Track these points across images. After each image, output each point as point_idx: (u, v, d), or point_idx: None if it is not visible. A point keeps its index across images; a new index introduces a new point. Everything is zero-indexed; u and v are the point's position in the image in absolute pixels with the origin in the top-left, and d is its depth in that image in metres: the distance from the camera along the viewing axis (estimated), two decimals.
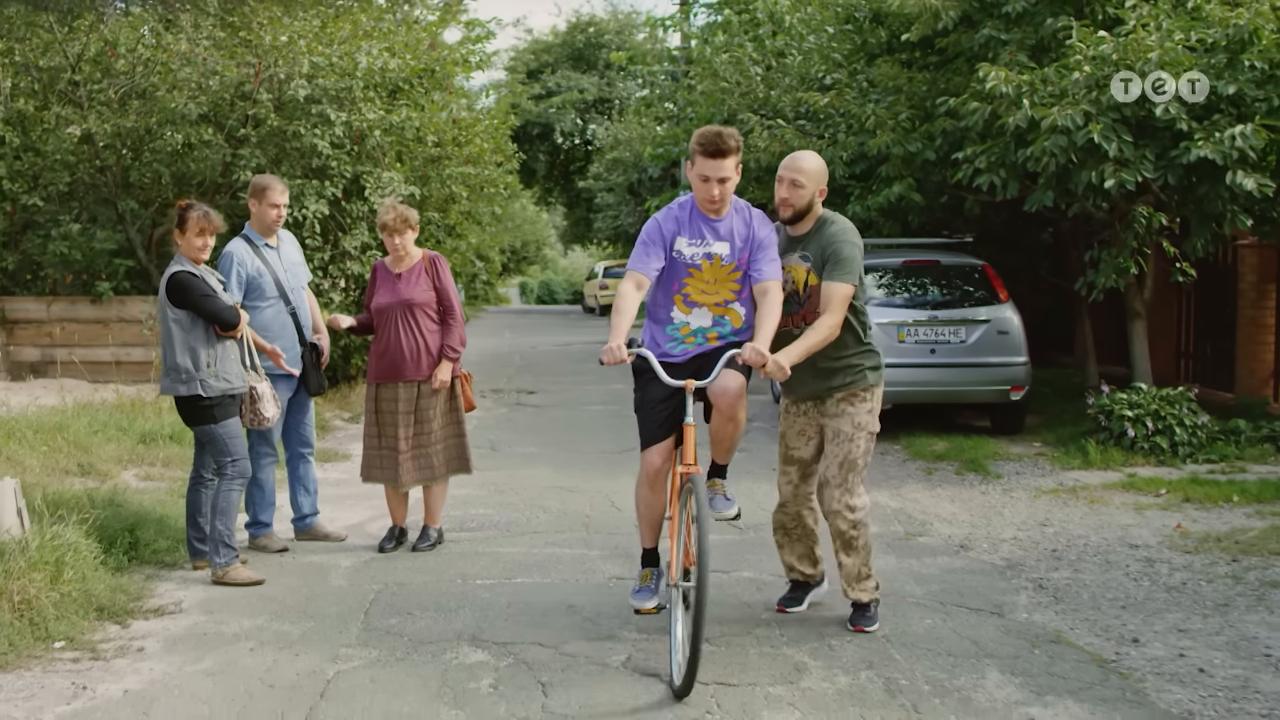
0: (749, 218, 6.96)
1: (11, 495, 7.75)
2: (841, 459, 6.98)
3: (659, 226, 6.89)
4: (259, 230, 9.04)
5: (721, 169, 6.70)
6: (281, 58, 15.29)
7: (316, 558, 8.94)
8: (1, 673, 6.34)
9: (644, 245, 6.87)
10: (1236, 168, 11.64)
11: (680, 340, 6.93)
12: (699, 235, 6.85)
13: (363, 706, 5.94)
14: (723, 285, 6.86)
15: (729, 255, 6.83)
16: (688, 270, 6.83)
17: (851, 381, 7.04)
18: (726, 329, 6.91)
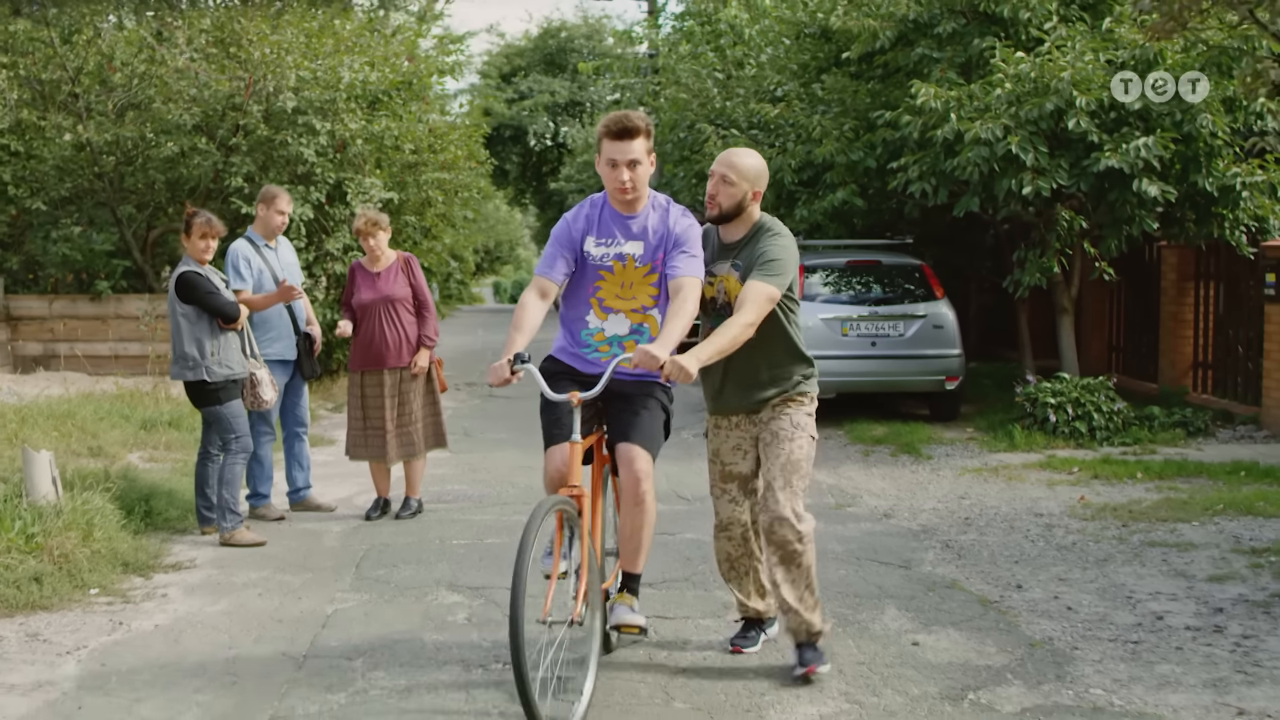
0: (668, 213, 6.28)
1: (47, 465, 8.85)
2: (784, 460, 6.33)
3: (568, 226, 6.30)
4: (262, 233, 10.15)
5: (629, 151, 6.06)
6: (270, 72, 16.40)
7: (310, 525, 10.06)
8: (48, 612, 7.44)
9: (551, 247, 6.28)
10: (1142, 176, 12.86)
11: (594, 347, 6.30)
12: (609, 234, 6.23)
13: (359, 633, 7.08)
14: (639, 289, 6.25)
15: (643, 255, 6.20)
16: (598, 273, 6.24)
17: (788, 389, 6.47)
18: (644, 338, 6.25)
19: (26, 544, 8.08)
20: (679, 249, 6.16)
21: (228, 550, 9.14)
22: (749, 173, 6.35)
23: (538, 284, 6.17)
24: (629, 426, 6.15)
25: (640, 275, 6.25)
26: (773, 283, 6.12)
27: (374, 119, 17.36)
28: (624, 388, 6.22)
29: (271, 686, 6.22)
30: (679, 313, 5.95)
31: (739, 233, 6.43)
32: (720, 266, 6.42)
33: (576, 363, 6.33)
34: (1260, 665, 6.53)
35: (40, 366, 16.98)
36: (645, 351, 5.64)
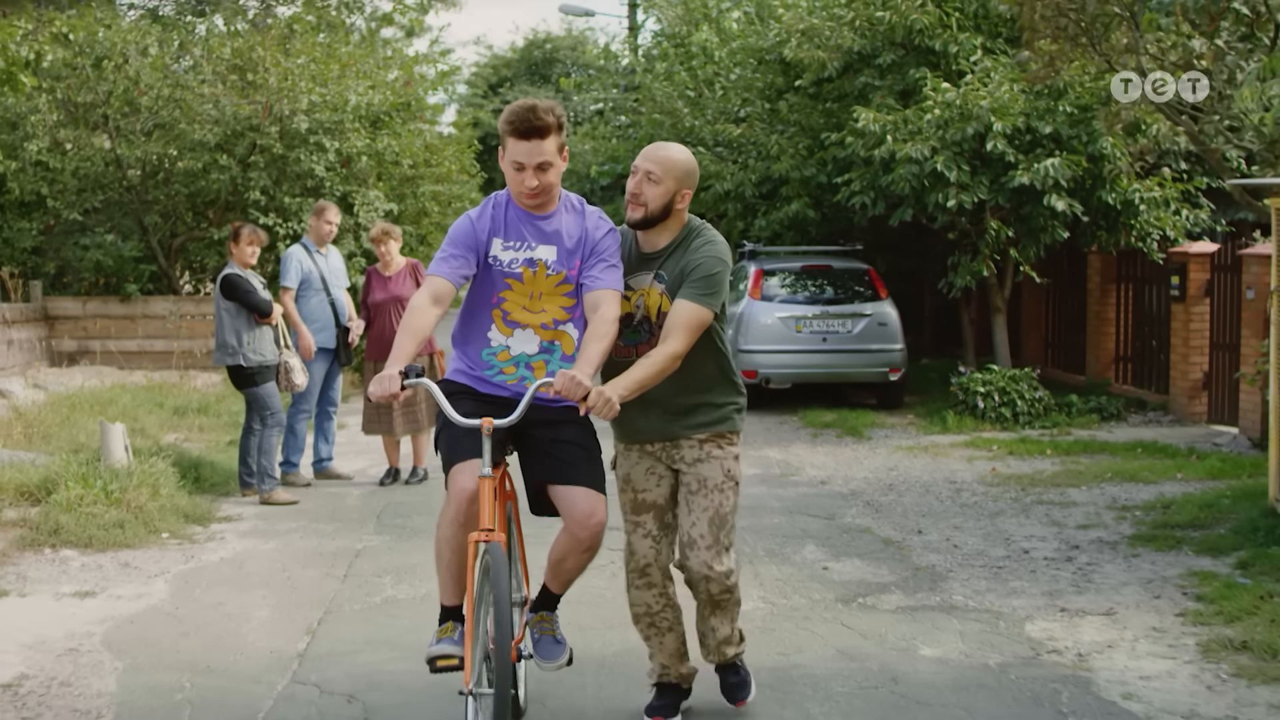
0: (584, 216, 5.53)
1: (120, 435, 10.68)
2: (712, 514, 5.61)
3: (471, 225, 5.45)
4: (314, 240, 11.99)
5: (538, 152, 5.28)
6: (285, 96, 18.24)
7: (334, 489, 11.88)
8: (132, 550, 9.24)
9: (450, 247, 5.41)
10: (1051, 192, 14.75)
11: (498, 369, 5.46)
12: (518, 236, 5.43)
13: (385, 561, 8.92)
14: (550, 300, 5.45)
15: (556, 262, 5.43)
16: (505, 281, 5.42)
17: (715, 421, 5.69)
18: (556, 358, 5.48)
19: (108, 498, 9.89)
20: (598, 258, 5.44)
21: (267, 507, 10.95)
22: (677, 168, 5.51)
23: (432, 286, 5.33)
24: (571, 465, 5.43)
25: (552, 285, 5.44)
26: (706, 304, 5.43)
27: (376, 137, 19.20)
28: (545, 414, 5.42)
29: (322, 593, 8.06)
30: (600, 333, 5.27)
31: (663, 239, 5.60)
32: (640, 278, 5.61)
33: (477, 385, 5.49)
34: (1091, 581, 8.38)
35: (75, 361, 18.75)
36: (571, 377, 4.97)
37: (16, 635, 7.10)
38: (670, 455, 5.71)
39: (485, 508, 5.06)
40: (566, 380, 4.97)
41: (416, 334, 5.19)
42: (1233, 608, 7.48)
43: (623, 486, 5.78)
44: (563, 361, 5.44)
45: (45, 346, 18.59)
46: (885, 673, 6.54)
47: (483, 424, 5.03)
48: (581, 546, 5.45)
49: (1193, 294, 15.50)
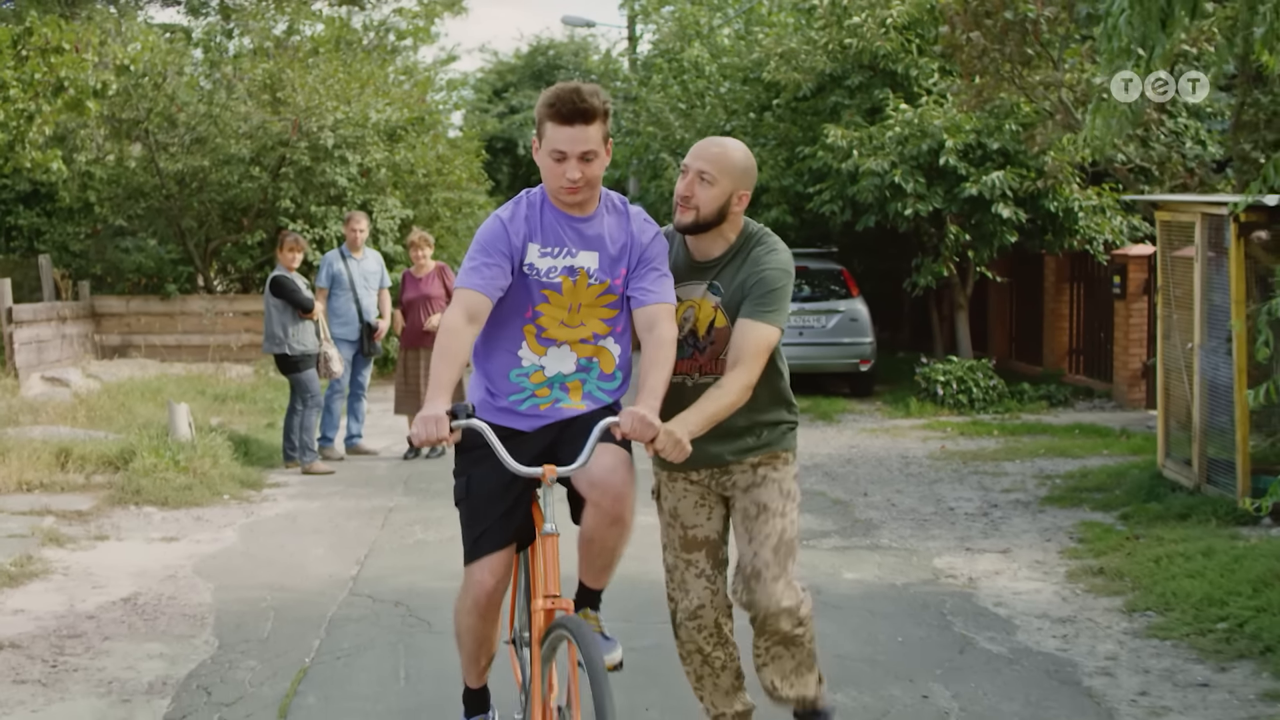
0: (627, 218, 4.93)
1: (185, 413, 12.50)
2: (775, 541, 5.01)
3: (503, 227, 4.81)
4: (349, 245, 13.76)
5: (583, 139, 4.67)
6: (313, 114, 20.07)
7: (364, 462, 13.67)
8: (200, 508, 11.01)
9: (482, 252, 4.78)
10: (998, 201, 16.56)
11: (530, 392, 4.84)
12: (557, 241, 4.83)
13: (415, 514, 10.71)
14: (590, 313, 4.85)
15: (599, 270, 4.82)
16: (542, 292, 4.81)
17: (770, 442, 5.12)
18: (594, 376, 4.91)
19: (176, 466, 11.69)
20: (648, 266, 4.84)
21: (309, 476, 12.73)
22: (734, 167, 4.92)
23: (465, 301, 4.68)
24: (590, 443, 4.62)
25: (594, 296, 4.82)
26: (774, 322, 4.89)
27: (394, 150, 21.02)
28: (579, 427, 4.79)
29: (364, 538, 9.86)
30: (660, 358, 4.70)
31: (718, 247, 5.00)
32: (690, 288, 5.03)
33: (506, 419, 4.82)
34: (999, 530, 10.17)
35: (119, 354, 20.55)
36: (640, 417, 4.44)
37: (123, 567, 8.89)
38: (720, 483, 5.13)
39: (550, 569, 4.54)
40: (635, 420, 4.44)
41: (454, 359, 4.57)
42: (1102, 546, 9.27)
43: (669, 521, 5.20)
44: (600, 381, 4.88)
45: (93, 341, 20.40)
46: (811, 589, 8.31)
47: (544, 473, 4.49)
48: (607, 519, 4.73)
49: (1132, 292, 17.25)
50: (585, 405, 4.88)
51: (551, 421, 4.84)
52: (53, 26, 13.58)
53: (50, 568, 8.79)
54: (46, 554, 9.10)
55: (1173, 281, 11.05)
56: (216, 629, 7.46)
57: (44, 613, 7.72)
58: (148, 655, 6.96)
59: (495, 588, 4.80)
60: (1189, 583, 7.87)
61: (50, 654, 6.94)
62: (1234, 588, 7.57)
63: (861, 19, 17.92)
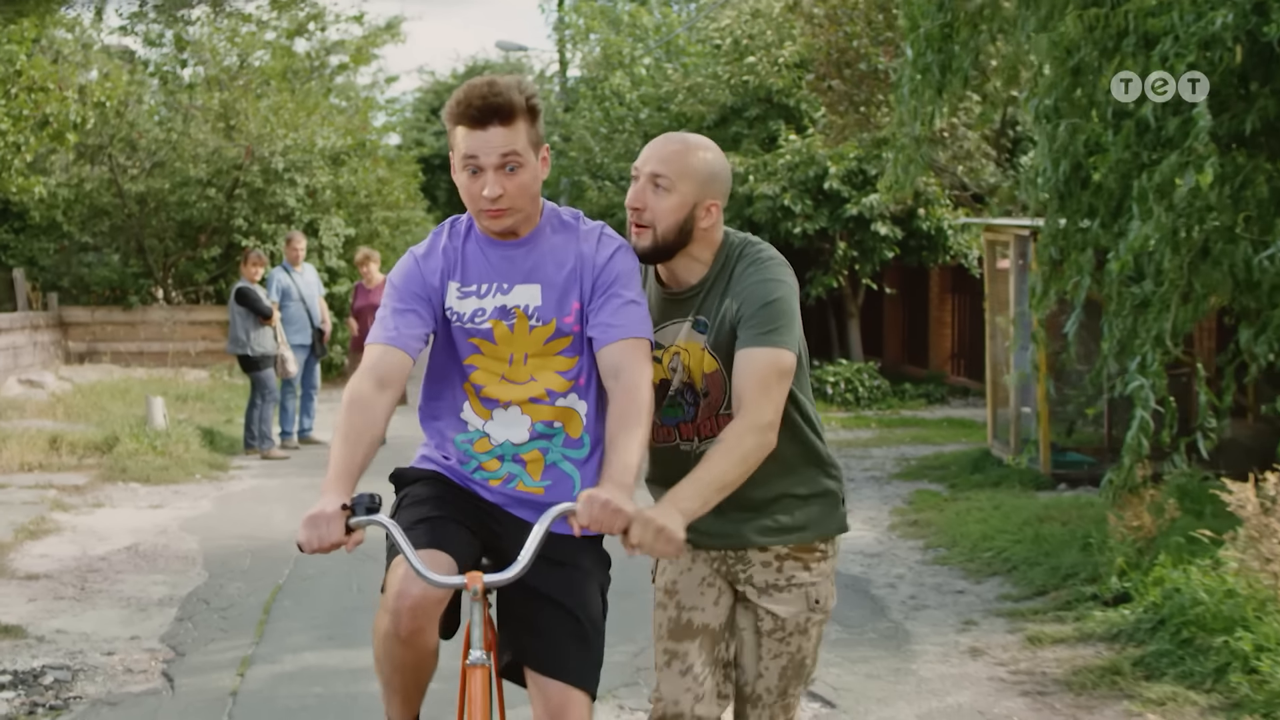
0: (579, 234, 3.79)
1: (160, 405, 14.45)
2: (787, 663, 4.03)
3: (416, 265, 3.80)
4: (290, 261, 15.71)
5: (501, 144, 3.57)
6: (264, 141, 22.05)
7: (315, 450, 15.62)
8: (177, 484, 12.93)
9: (393, 296, 3.77)
10: (877, 220, 18.74)
11: (477, 462, 3.82)
12: (481, 275, 3.77)
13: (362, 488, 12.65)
14: (540, 365, 3.75)
15: (542, 307, 3.73)
16: (470, 342, 3.77)
17: (804, 525, 3.98)
18: (558, 444, 3.80)
19: (154, 450, 13.63)
20: (607, 292, 3.71)
21: (267, 461, 14.69)
22: (697, 170, 3.81)
23: (375, 361, 3.68)
24: (552, 640, 3.68)
25: (539, 341, 3.74)
26: (775, 343, 3.74)
27: (338, 173, 23.03)
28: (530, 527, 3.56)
29: None
30: (630, 413, 3.56)
31: (695, 271, 3.91)
32: (671, 330, 3.92)
33: (459, 479, 3.88)
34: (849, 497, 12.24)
35: (85, 360, 22.39)
36: (602, 503, 3.32)
37: (121, 526, 10.83)
38: (733, 571, 4.00)
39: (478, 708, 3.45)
40: (597, 507, 3.32)
41: (359, 438, 3.59)
42: (924, 506, 11.39)
43: (662, 600, 4.06)
44: (566, 449, 3.77)
45: (61, 348, 22.25)
46: None
47: (467, 581, 3.41)
48: None
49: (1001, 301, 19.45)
50: (547, 483, 3.74)
51: (505, 502, 3.78)
52: (39, 68, 15.46)
53: (61, 527, 10.72)
54: (56, 517, 11.02)
55: (994, 291, 13.22)
56: (206, 565, 9.44)
57: (64, 556, 9.67)
58: (153, 583, 8.93)
59: (421, 599, 3.52)
60: (975, 527, 9.99)
61: (77, 582, 8.90)
62: (1005, 529, 9.69)
63: (758, 58, 20.06)
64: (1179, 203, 7.47)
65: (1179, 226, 7.65)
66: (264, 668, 7.00)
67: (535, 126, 3.65)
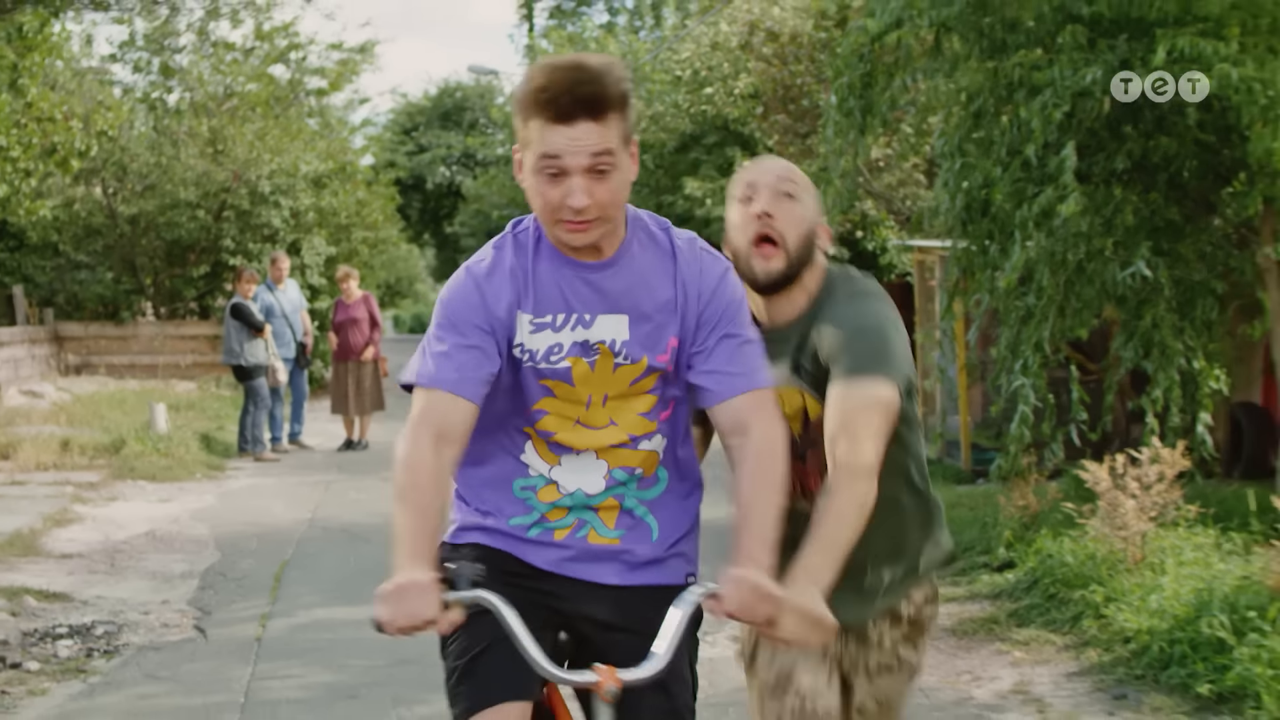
0: (675, 255, 3.08)
1: (163, 411, 15.71)
2: None
3: (476, 289, 3.02)
4: (274, 279, 16.97)
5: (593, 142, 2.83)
6: (251, 166, 23.35)
7: (305, 454, 16.90)
8: (180, 483, 14.19)
9: (450, 329, 3.02)
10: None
11: (539, 514, 3.14)
12: (559, 304, 3.05)
13: (349, 485, 13.97)
14: (622, 407, 3.09)
15: (631, 342, 3.04)
16: (542, 384, 3.07)
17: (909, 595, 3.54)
18: (633, 487, 3.15)
19: (158, 452, 14.89)
20: (719, 330, 3.06)
21: (260, 463, 15.96)
22: (810, 184, 3.48)
23: (431, 412, 2.96)
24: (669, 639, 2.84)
25: (625, 382, 3.08)
26: (880, 371, 3.19)
27: (320, 195, 24.33)
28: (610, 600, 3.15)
29: (313, 498, 13.12)
30: (764, 479, 2.95)
31: (798, 302, 3.40)
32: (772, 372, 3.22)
33: (509, 545, 3.16)
34: None
35: (79, 372, 23.59)
36: (750, 586, 2.77)
37: (136, 516, 12.08)
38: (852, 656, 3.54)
39: None
40: (747, 592, 2.77)
41: (425, 504, 2.87)
42: None
43: (775, 691, 3.48)
44: (641, 490, 3.15)
45: (57, 360, 23.46)
46: None
47: (600, 682, 2.76)
48: None
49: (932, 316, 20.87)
50: (621, 532, 3.15)
51: (574, 557, 3.14)
52: (46, 99, 16.69)
53: (83, 517, 11.96)
54: (77, 508, 12.26)
55: (925, 307, 14.60)
56: (218, 546, 10.72)
57: (91, 540, 10.92)
58: (173, 560, 10.21)
59: None
60: None
61: (106, 559, 10.17)
62: None
63: (715, 89, 21.44)
64: (1057, 229, 8.81)
65: (1057, 249, 9.01)
66: (281, 621, 8.31)
67: (627, 119, 2.89)
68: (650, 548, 3.19)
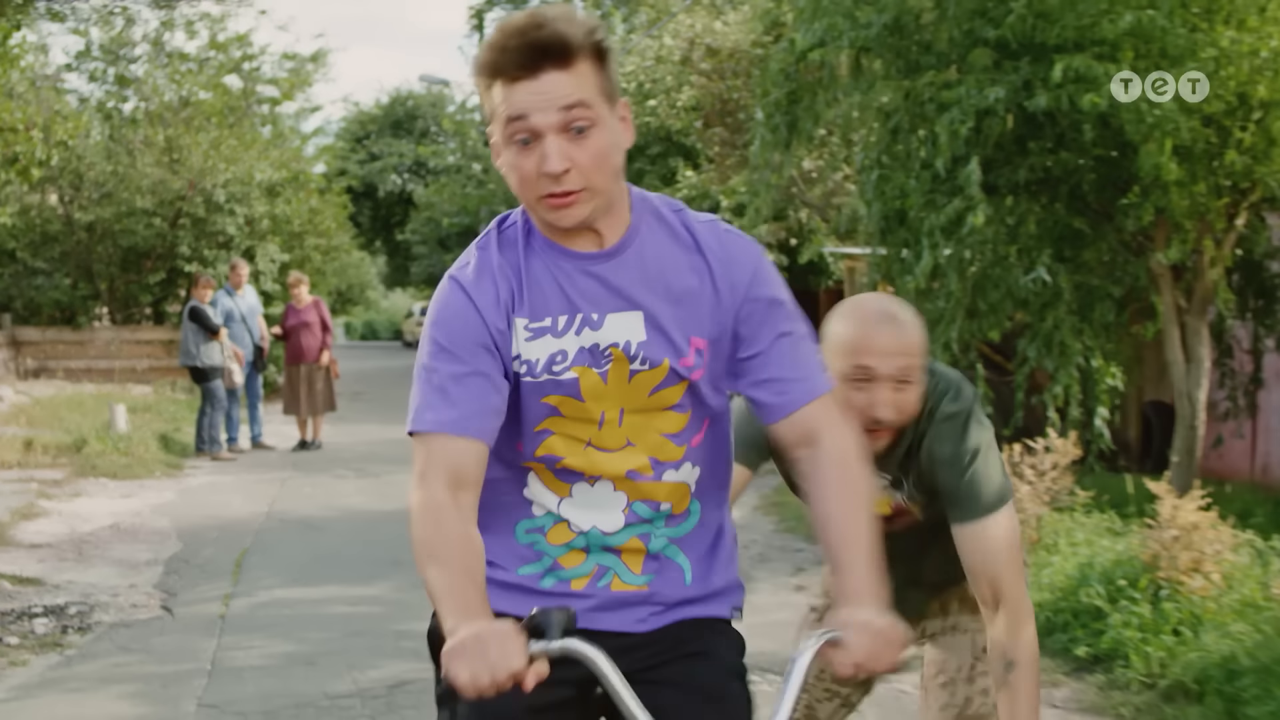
0: (697, 237, 2.64)
1: (122, 412, 16.25)
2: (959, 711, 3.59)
3: (467, 300, 2.57)
4: (233, 285, 17.54)
5: (562, 93, 2.43)
6: (206, 174, 23.88)
7: (262, 453, 17.46)
8: (140, 480, 14.74)
9: (448, 356, 2.55)
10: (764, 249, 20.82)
11: (551, 560, 2.70)
12: (558, 304, 2.60)
13: (304, 482, 14.55)
14: (641, 424, 2.63)
15: (651, 343, 2.59)
16: (543, 403, 2.62)
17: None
18: (660, 525, 2.69)
19: (118, 451, 15.44)
20: (777, 328, 2.64)
21: (217, 462, 16.52)
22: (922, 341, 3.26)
23: (441, 457, 2.49)
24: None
25: (643, 392, 2.62)
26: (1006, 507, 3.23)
27: (274, 204, 24.88)
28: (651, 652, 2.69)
29: (269, 494, 13.70)
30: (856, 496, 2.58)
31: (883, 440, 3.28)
32: None
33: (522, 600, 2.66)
34: None
35: (37, 376, 24.04)
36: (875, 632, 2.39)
37: (100, 511, 12.63)
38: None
39: None
40: (874, 639, 2.38)
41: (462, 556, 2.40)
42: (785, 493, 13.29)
43: None
44: (669, 528, 2.69)
45: (15, 364, 23.92)
46: None
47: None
48: None
49: None
50: (650, 576, 2.69)
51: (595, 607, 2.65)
52: (7, 110, 17.22)
53: (49, 511, 12.50)
54: (43, 503, 12.80)
55: None
56: (180, 537, 11.30)
57: (58, 532, 11.47)
58: (138, 550, 10.78)
59: None
60: None
61: (74, 549, 10.74)
62: None
63: (658, 101, 22.13)
64: (965, 237, 9.51)
65: (965, 256, 9.72)
66: (243, 600, 8.93)
67: (606, 73, 2.48)
68: (684, 590, 2.71)
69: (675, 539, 2.71)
